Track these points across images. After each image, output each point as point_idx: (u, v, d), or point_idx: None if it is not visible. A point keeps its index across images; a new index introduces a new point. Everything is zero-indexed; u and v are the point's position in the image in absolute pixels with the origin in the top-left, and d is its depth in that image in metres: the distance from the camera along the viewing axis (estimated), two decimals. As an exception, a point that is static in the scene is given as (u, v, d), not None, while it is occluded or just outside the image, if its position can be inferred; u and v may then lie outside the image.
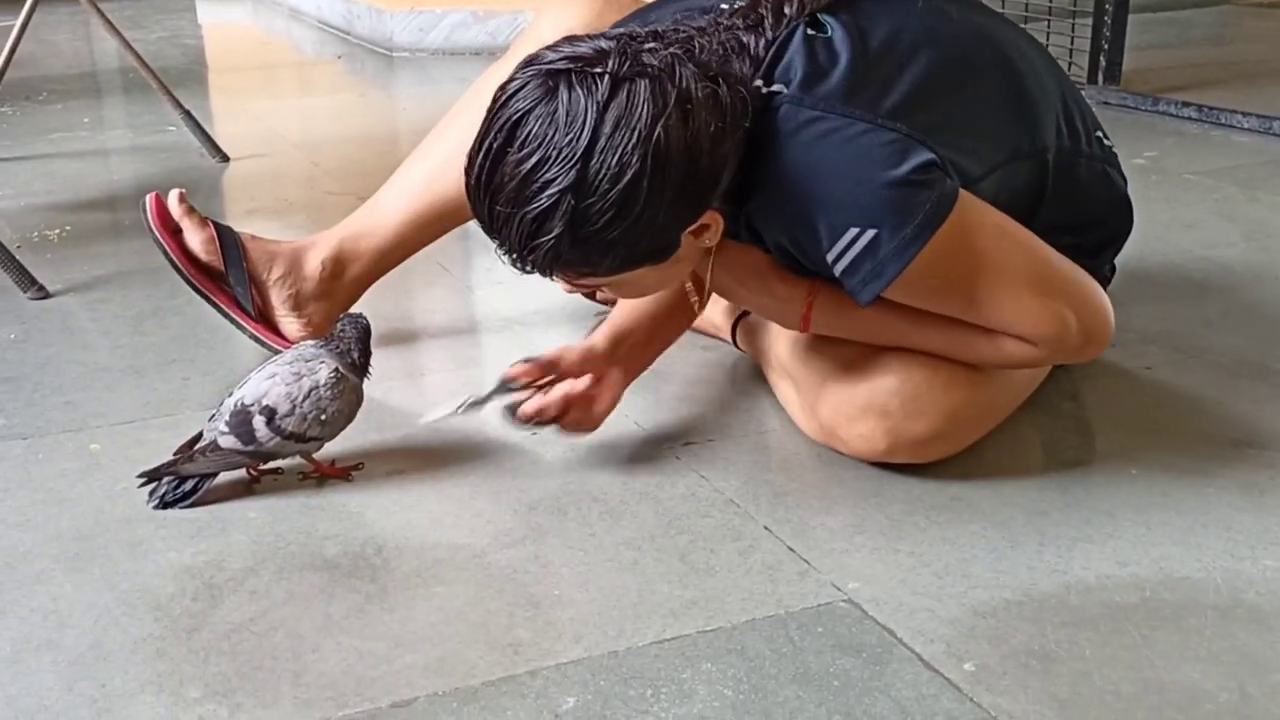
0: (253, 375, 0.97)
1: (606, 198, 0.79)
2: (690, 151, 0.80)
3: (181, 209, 1.19)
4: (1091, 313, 0.92)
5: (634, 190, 0.79)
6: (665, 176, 0.80)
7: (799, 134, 0.84)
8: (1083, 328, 0.91)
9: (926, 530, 0.88)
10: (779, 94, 0.85)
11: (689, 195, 0.82)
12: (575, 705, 0.71)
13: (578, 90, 0.79)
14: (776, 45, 0.87)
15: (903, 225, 0.83)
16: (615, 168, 0.78)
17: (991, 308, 0.89)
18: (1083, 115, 1.02)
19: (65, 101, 2.69)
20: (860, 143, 0.83)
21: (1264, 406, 1.07)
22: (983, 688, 0.71)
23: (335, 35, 3.65)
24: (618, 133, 0.78)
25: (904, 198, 0.83)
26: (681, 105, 0.80)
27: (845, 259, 0.84)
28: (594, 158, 0.78)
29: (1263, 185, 1.78)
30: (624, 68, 0.80)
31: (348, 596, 0.82)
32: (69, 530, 0.92)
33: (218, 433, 0.95)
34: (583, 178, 0.78)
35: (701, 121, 0.80)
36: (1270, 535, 0.87)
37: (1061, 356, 0.95)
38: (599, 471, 0.99)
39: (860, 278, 0.85)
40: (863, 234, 0.83)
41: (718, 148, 0.82)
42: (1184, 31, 3.24)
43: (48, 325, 1.35)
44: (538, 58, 0.83)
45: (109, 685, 0.74)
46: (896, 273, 0.84)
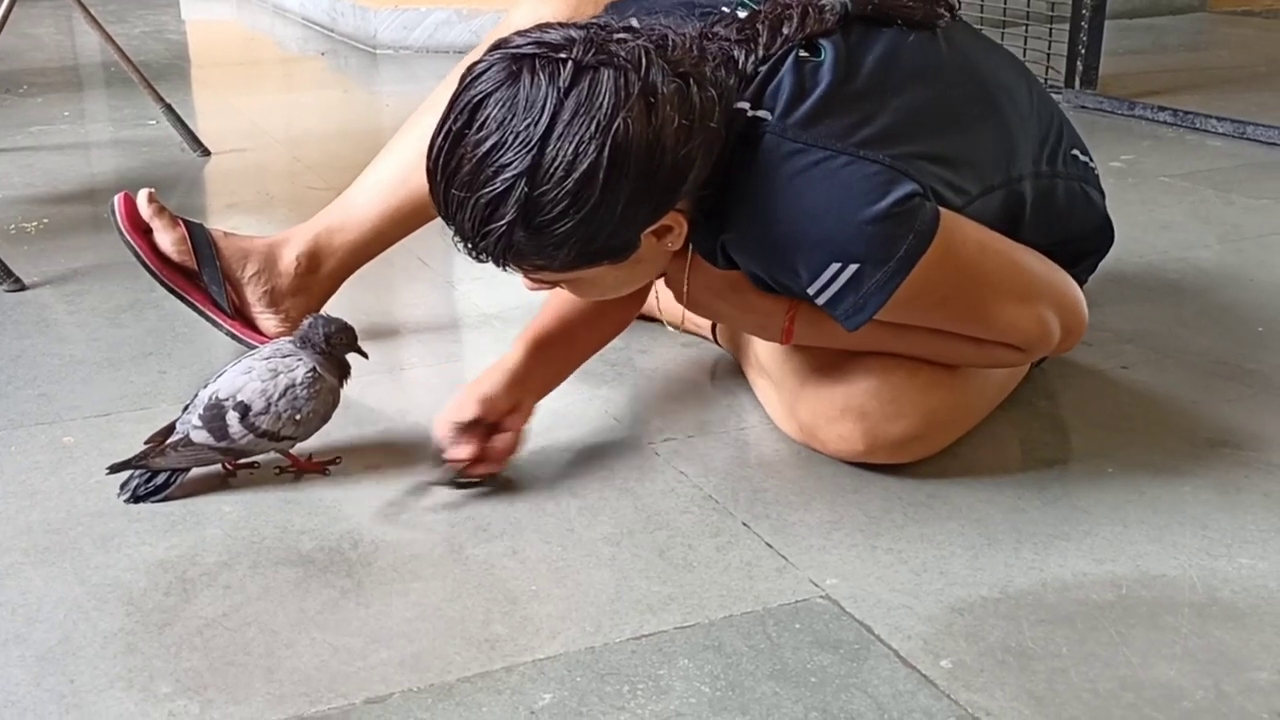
0: (228, 369, 0.96)
1: (561, 186, 0.77)
2: (652, 147, 0.78)
3: (151, 209, 1.18)
4: (1068, 309, 0.95)
5: (589, 181, 0.77)
6: (623, 170, 0.78)
7: (781, 167, 0.83)
8: (1062, 323, 0.94)
9: (904, 527, 0.88)
10: (764, 121, 0.84)
11: (648, 192, 0.80)
12: (551, 701, 0.70)
13: (540, 75, 0.77)
14: (769, 66, 0.86)
15: (885, 259, 0.82)
16: (571, 155, 0.76)
17: (981, 321, 0.91)
18: (1060, 135, 1.02)
19: (46, 95, 2.66)
20: (841, 176, 0.82)
21: (1238, 406, 1.08)
22: (960, 684, 0.71)
23: (319, 32, 3.64)
24: (576, 120, 0.76)
25: (886, 232, 0.82)
26: (645, 98, 0.78)
27: (828, 293, 0.84)
28: (550, 144, 0.76)
29: (1237, 188, 1.80)
30: (589, 55, 0.78)
31: (323, 591, 0.81)
32: (39, 523, 0.91)
33: (190, 426, 0.94)
34: (538, 164, 0.77)
35: (665, 117, 0.78)
36: (1245, 534, 0.87)
37: (1044, 352, 0.98)
38: (577, 467, 0.99)
39: (844, 310, 0.85)
40: (845, 269, 0.83)
41: (682, 146, 0.79)
42: (1160, 37, 3.27)
43: (23, 318, 1.34)
44: (506, 42, 0.81)
45: (78, 680, 0.73)
46: (880, 304, 0.84)
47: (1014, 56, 1.07)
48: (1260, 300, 1.34)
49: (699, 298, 0.94)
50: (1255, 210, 1.69)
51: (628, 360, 1.20)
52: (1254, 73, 2.73)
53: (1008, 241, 0.92)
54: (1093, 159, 1.07)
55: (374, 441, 1.04)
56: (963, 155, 0.91)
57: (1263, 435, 1.02)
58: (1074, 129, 1.06)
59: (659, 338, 1.25)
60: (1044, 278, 0.94)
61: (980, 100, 0.94)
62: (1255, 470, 0.96)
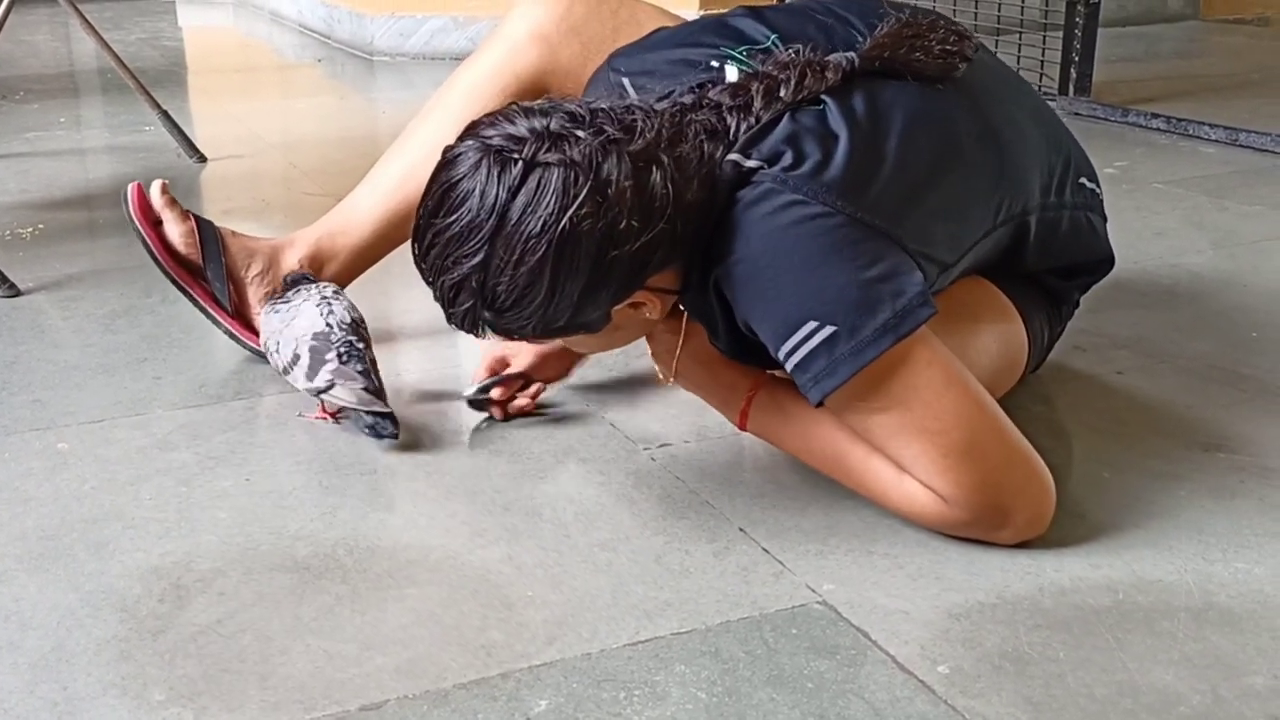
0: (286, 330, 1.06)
1: (513, 279, 0.81)
2: (603, 242, 0.80)
3: (164, 200, 1.19)
4: (1029, 500, 0.83)
5: (538, 276, 0.80)
6: (572, 265, 0.80)
7: (779, 215, 0.81)
8: (1010, 507, 0.83)
9: (900, 533, 0.88)
10: (760, 170, 0.83)
11: (604, 283, 0.82)
12: (548, 708, 0.70)
13: (494, 170, 0.80)
14: (761, 125, 0.85)
15: (862, 327, 0.79)
16: (518, 253, 0.80)
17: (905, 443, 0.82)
18: (1069, 164, 1.01)
19: (42, 101, 2.66)
20: (836, 235, 0.81)
21: (1233, 411, 1.08)
22: (957, 690, 0.71)
23: (316, 39, 3.64)
24: (524, 219, 0.79)
25: (870, 299, 0.80)
26: (594, 197, 0.79)
27: (799, 353, 0.81)
28: (499, 240, 0.80)
29: (1230, 194, 1.81)
30: (539, 153, 0.80)
31: (318, 598, 0.81)
32: (33, 530, 0.90)
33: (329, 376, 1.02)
34: (490, 258, 0.81)
35: (615, 214, 0.79)
36: (1241, 538, 0.87)
37: (976, 527, 0.84)
38: (574, 473, 0.99)
39: (812, 374, 0.81)
40: (820, 329, 0.80)
41: (636, 238, 0.80)
42: (1153, 45, 3.28)
43: (17, 323, 1.33)
44: (479, 126, 0.84)
45: (71, 688, 0.72)
46: (849, 374, 0.80)
47: (1025, 84, 1.05)
48: (1254, 305, 1.35)
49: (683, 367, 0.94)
50: (1248, 216, 1.70)
51: (623, 366, 1.20)
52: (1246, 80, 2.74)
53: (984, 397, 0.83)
54: (1099, 185, 1.06)
55: (368, 447, 1.04)
56: (961, 204, 0.90)
57: (1258, 440, 1.02)
58: (1084, 155, 1.06)
59: (655, 343, 1.25)
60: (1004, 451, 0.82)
61: (986, 144, 0.92)
62: (1250, 475, 0.97)
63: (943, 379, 0.82)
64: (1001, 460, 0.83)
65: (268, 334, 1.08)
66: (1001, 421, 0.84)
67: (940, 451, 0.81)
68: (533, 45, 1.12)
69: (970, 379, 0.84)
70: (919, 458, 0.82)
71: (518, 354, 1.09)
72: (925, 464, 0.82)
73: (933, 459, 0.82)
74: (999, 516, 0.83)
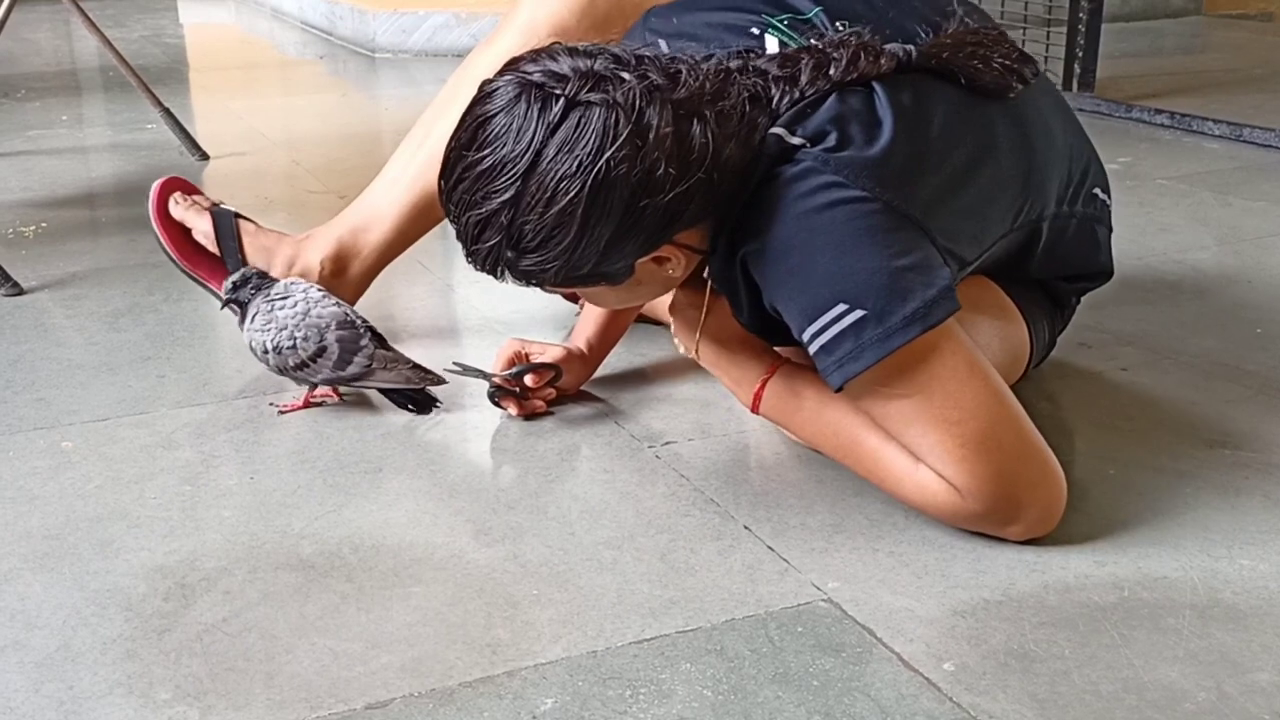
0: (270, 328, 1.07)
1: (542, 219, 0.79)
2: (637, 189, 0.79)
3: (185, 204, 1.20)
4: (1042, 496, 0.83)
5: (568, 217, 0.79)
6: (605, 209, 0.79)
7: (816, 195, 0.80)
8: (1023, 502, 0.82)
9: (906, 530, 0.88)
10: (803, 148, 0.82)
11: (634, 231, 0.81)
12: (553, 706, 0.70)
13: (534, 107, 0.79)
14: (807, 101, 0.84)
15: (892, 313, 0.79)
16: (550, 191, 0.78)
17: (924, 432, 0.82)
18: (1085, 173, 1.01)
19: (44, 99, 2.66)
20: (873, 221, 0.80)
21: (1238, 407, 1.08)
22: (962, 687, 0.71)
23: (318, 36, 3.64)
24: (559, 157, 0.78)
25: (901, 287, 0.79)
26: (634, 140, 0.78)
27: (826, 335, 0.80)
28: (533, 178, 0.79)
29: (1234, 190, 1.80)
30: (583, 91, 0.78)
31: (323, 596, 0.81)
32: (38, 529, 0.90)
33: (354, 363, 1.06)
34: (521, 194, 0.79)
35: (653, 161, 0.78)
36: (1246, 535, 0.87)
37: (987, 520, 0.84)
38: (578, 471, 0.99)
39: (836, 358, 0.80)
40: (849, 313, 0.79)
41: (671, 188, 0.79)
42: (1156, 41, 3.28)
43: (21, 322, 1.33)
44: (520, 61, 0.82)
45: (77, 687, 0.72)
46: (875, 360, 0.79)
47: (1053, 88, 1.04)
48: (1258, 301, 1.34)
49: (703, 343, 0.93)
50: (1253, 212, 1.70)
51: (628, 363, 1.20)
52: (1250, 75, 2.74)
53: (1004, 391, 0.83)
54: (1108, 194, 1.06)
55: (373, 444, 1.04)
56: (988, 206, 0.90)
57: (1262, 436, 1.02)
58: (1102, 167, 1.05)
59: (659, 341, 1.25)
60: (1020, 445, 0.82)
61: (1016, 149, 0.92)
62: (1255, 471, 0.96)
63: (966, 369, 0.81)
64: (1018, 454, 0.82)
65: (275, 329, 1.07)
66: (1020, 417, 0.83)
67: (958, 441, 0.81)
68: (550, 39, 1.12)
69: (992, 372, 0.83)
70: (935, 446, 0.82)
71: (544, 352, 1.08)
72: (941, 453, 0.82)
73: (949, 448, 0.81)
74: (1011, 510, 0.83)
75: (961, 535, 0.87)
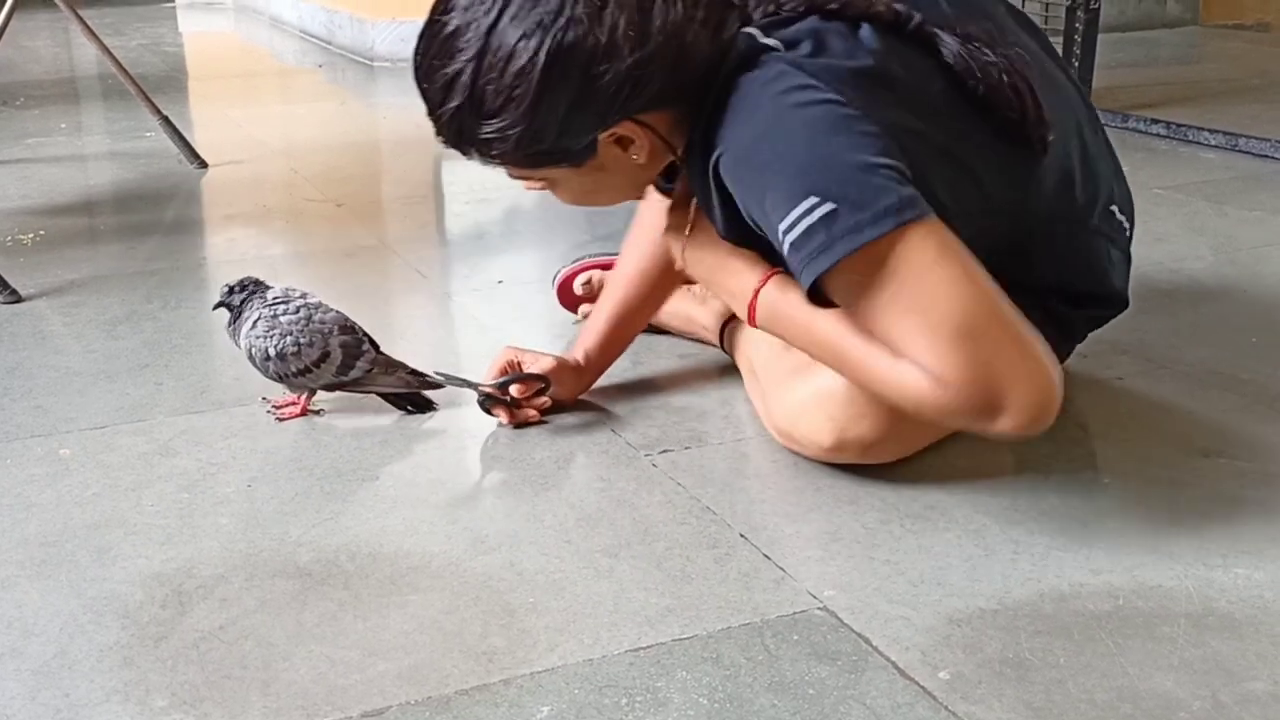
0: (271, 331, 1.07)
1: (502, 79, 0.80)
2: (595, 52, 0.79)
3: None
4: (1027, 386, 0.78)
5: (525, 76, 0.80)
6: (564, 70, 0.79)
7: (789, 95, 0.79)
8: (1006, 391, 0.78)
9: (901, 539, 0.88)
10: (774, 49, 0.81)
11: (593, 98, 0.80)
12: (549, 714, 0.70)
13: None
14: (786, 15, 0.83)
15: (864, 207, 0.77)
16: (510, 50, 0.80)
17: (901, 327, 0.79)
18: (1098, 183, 0.99)
19: (43, 107, 2.66)
20: (847, 122, 0.78)
21: (1233, 416, 1.09)
22: (958, 696, 0.71)
23: (317, 44, 3.65)
24: (520, 16, 0.79)
25: (874, 183, 0.77)
26: (593, 4, 0.78)
27: (798, 228, 0.78)
28: (493, 36, 0.80)
29: (1230, 200, 1.81)
30: None
31: (320, 604, 0.81)
32: (36, 536, 0.90)
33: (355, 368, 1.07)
34: (482, 53, 0.80)
35: (612, 25, 0.78)
36: (1241, 544, 0.87)
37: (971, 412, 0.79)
38: (575, 479, 0.99)
39: (807, 252, 0.78)
40: (821, 204, 0.77)
41: (630, 55, 0.79)
42: (1152, 51, 3.29)
43: (19, 329, 1.33)
44: None
45: (73, 694, 0.72)
46: (845, 253, 0.77)
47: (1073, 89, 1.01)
48: (1254, 311, 1.35)
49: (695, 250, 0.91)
50: (1248, 222, 1.70)
51: (625, 372, 1.20)
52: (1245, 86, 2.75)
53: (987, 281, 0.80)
54: (1129, 217, 1.03)
55: (371, 453, 1.04)
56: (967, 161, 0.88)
57: (1258, 445, 1.03)
58: (1123, 182, 1.04)
59: (657, 349, 1.25)
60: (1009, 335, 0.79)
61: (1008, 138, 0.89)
62: (1251, 480, 0.97)
63: (938, 260, 0.78)
64: (997, 342, 0.78)
65: (278, 335, 1.06)
66: (1001, 307, 0.80)
67: (931, 326, 0.78)
68: None
69: (971, 263, 0.80)
70: (910, 332, 0.79)
71: (536, 362, 1.09)
72: (916, 338, 0.78)
73: (924, 334, 0.78)
74: (994, 400, 0.78)
75: (956, 544, 0.88)
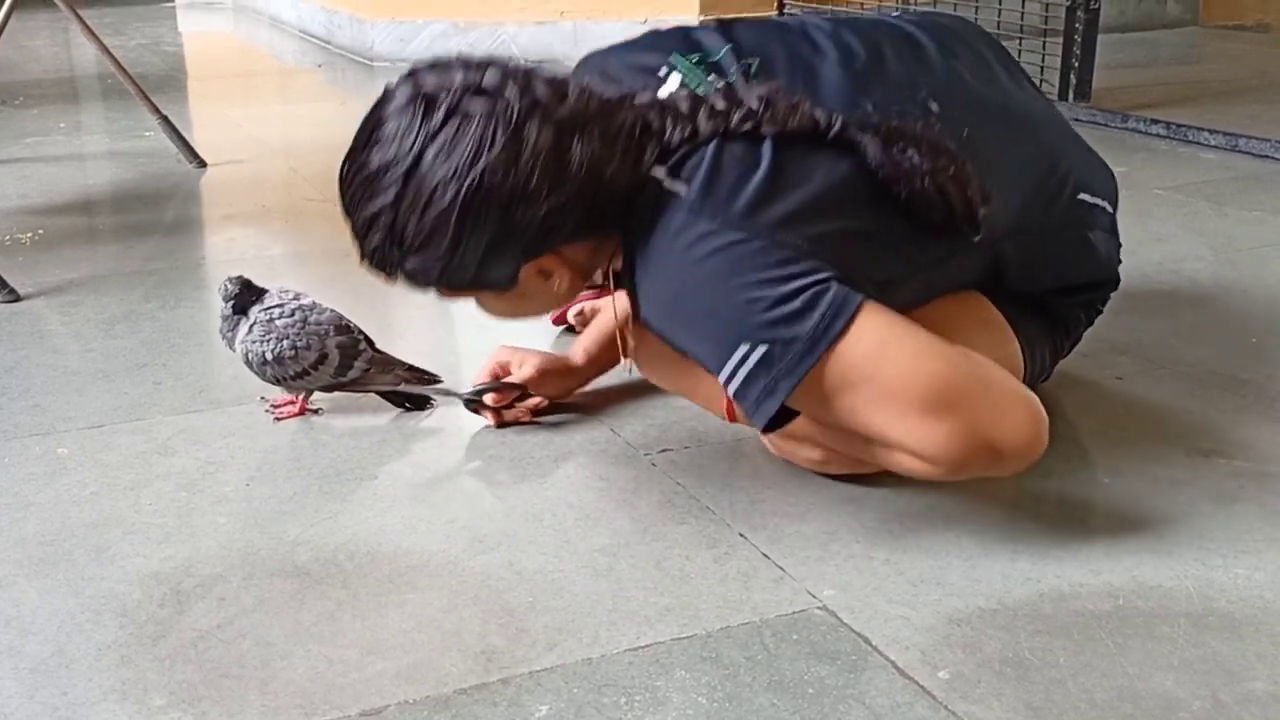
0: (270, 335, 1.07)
1: (421, 221, 0.83)
2: (511, 197, 0.81)
3: None
4: (1013, 424, 0.80)
5: (444, 221, 0.82)
6: (480, 215, 0.82)
7: (693, 249, 0.81)
8: (996, 439, 0.80)
9: (901, 538, 0.88)
10: (677, 196, 0.82)
11: (510, 239, 0.83)
12: (548, 713, 0.70)
13: (418, 115, 0.83)
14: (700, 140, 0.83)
15: (794, 339, 0.79)
16: (427, 195, 0.82)
17: (874, 424, 0.81)
18: (1065, 180, 0.98)
19: (42, 106, 2.66)
20: (753, 257, 0.80)
21: (1233, 417, 1.08)
22: (957, 695, 0.71)
23: (316, 44, 3.65)
24: (437, 163, 0.82)
25: (795, 309, 0.79)
26: (509, 150, 0.80)
27: (738, 378, 0.80)
28: (411, 181, 0.82)
29: (1230, 200, 1.81)
30: (463, 101, 0.82)
31: (318, 603, 0.81)
32: (33, 535, 0.90)
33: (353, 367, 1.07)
34: (401, 196, 0.83)
35: (528, 172, 0.81)
36: (1241, 544, 0.87)
37: (972, 470, 0.82)
38: (574, 478, 0.99)
39: (754, 398, 0.80)
40: (753, 350, 0.79)
41: (548, 199, 0.81)
42: (1152, 51, 3.29)
43: (17, 329, 1.33)
44: (419, 69, 0.86)
45: (71, 693, 0.72)
46: (791, 388, 0.79)
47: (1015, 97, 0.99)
48: (1254, 312, 1.35)
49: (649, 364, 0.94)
50: (1248, 222, 1.70)
51: (624, 372, 1.20)
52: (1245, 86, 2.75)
53: (931, 340, 0.81)
54: (1106, 198, 1.03)
55: (369, 452, 1.04)
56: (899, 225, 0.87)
57: (1257, 446, 1.03)
58: (1091, 169, 1.03)
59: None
60: (976, 387, 0.80)
61: None
62: (1250, 481, 0.97)
63: (878, 344, 0.79)
64: (967, 396, 0.80)
65: (274, 339, 1.06)
66: (955, 360, 0.81)
67: (900, 415, 0.79)
68: None
69: (912, 331, 0.81)
70: (884, 428, 0.81)
71: (522, 365, 1.09)
72: (891, 431, 0.81)
73: (896, 424, 0.80)
74: (986, 450, 0.80)
75: (956, 544, 0.88)
